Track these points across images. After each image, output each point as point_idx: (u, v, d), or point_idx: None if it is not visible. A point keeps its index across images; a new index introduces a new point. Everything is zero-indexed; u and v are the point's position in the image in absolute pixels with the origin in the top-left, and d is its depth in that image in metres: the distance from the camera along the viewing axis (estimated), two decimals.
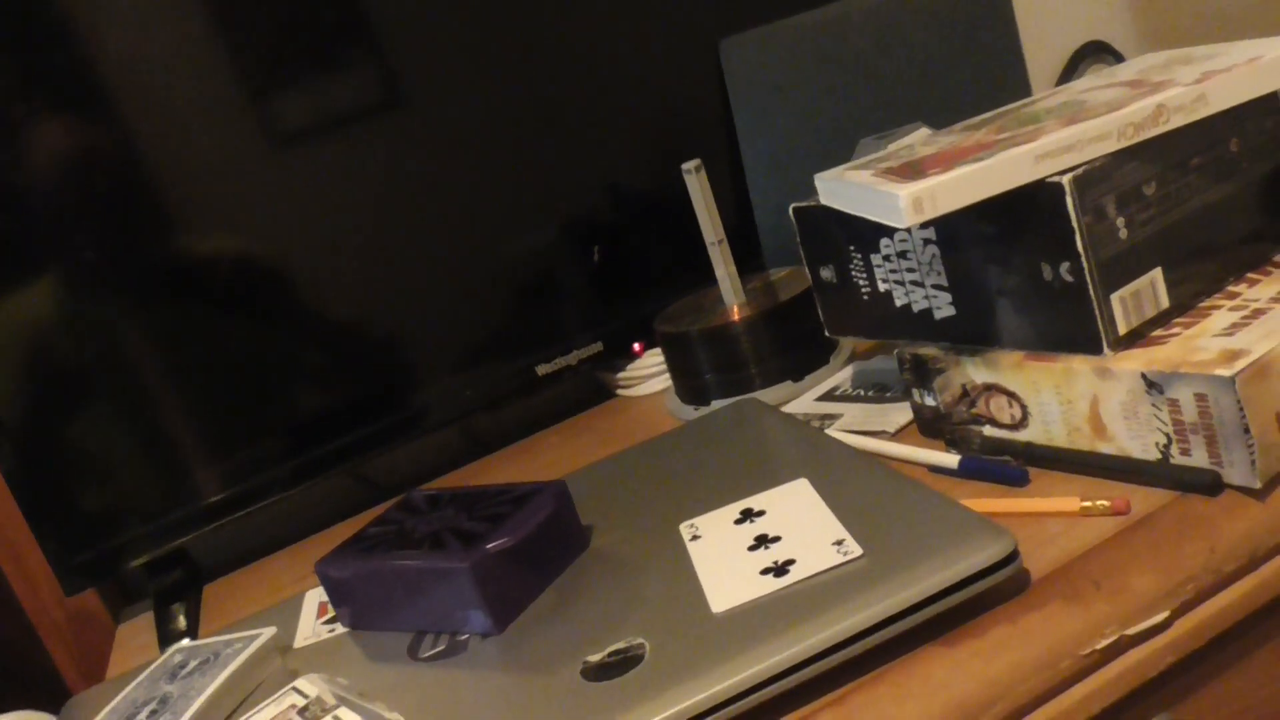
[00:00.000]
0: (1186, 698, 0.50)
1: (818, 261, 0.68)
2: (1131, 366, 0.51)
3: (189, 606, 0.84)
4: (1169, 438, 0.51)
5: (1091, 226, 0.52)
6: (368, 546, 0.58)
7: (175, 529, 0.83)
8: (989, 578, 0.46)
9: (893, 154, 0.62)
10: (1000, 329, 0.58)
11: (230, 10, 0.80)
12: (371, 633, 0.58)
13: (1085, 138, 0.52)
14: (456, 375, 0.88)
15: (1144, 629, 0.47)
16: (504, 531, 0.54)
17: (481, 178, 0.87)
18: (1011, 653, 0.46)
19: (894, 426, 0.66)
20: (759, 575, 0.49)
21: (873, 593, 0.46)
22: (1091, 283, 0.52)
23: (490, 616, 0.53)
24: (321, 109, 0.82)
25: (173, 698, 0.56)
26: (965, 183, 0.51)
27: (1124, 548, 0.49)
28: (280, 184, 0.82)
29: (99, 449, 0.80)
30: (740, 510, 0.56)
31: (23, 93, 0.76)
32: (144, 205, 0.79)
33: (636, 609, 0.50)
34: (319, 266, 0.83)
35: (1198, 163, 0.55)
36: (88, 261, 0.78)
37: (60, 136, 0.77)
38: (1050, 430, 0.57)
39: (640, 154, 0.92)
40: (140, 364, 0.81)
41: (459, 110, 0.86)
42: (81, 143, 0.77)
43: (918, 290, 0.61)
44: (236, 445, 0.84)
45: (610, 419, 0.90)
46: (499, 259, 0.88)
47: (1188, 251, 0.55)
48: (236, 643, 0.60)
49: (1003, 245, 0.55)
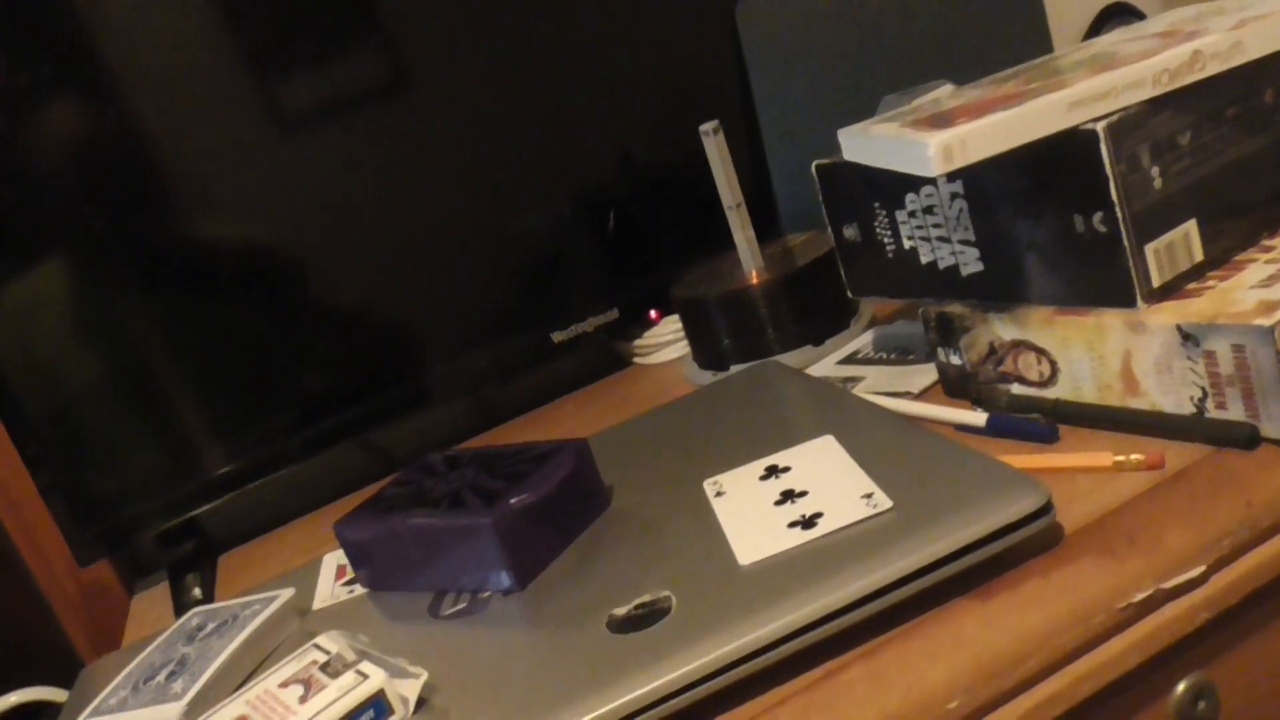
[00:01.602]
0: (1219, 657, 0.49)
1: (841, 220, 0.66)
2: (1166, 319, 0.50)
3: (204, 576, 0.83)
4: (1204, 391, 0.50)
5: (1125, 176, 0.51)
6: (386, 507, 0.58)
7: (188, 500, 0.83)
8: (1022, 530, 0.45)
9: (919, 107, 0.61)
10: (1029, 284, 0.57)
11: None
12: (391, 593, 0.58)
13: (1120, 85, 0.50)
14: (471, 344, 0.87)
15: (1179, 584, 0.46)
16: (525, 488, 0.54)
17: (496, 146, 0.86)
18: (1045, 607, 0.45)
19: (918, 388, 0.65)
20: (786, 529, 0.48)
21: (903, 545, 0.45)
22: (1125, 234, 0.51)
23: (512, 574, 0.52)
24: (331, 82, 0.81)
25: (191, 659, 0.56)
26: (997, 130, 0.50)
27: (1158, 502, 0.48)
28: (292, 156, 0.81)
29: (111, 422, 0.80)
30: (765, 467, 0.55)
31: (32, 76, 0.75)
32: (154, 184, 0.78)
33: (661, 563, 0.49)
34: (333, 238, 0.83)
35: (1232, 113, 0.54)
36: (99, 240, 0.77)
37: (71, 119, 0.76)
38: (1080, 387, 0.56)
39: (656, 120, 0.91)
40: (152, 338, 0.80)
41: (471, 77, 0.85)
42: (94, 125, 0.77)
43: (944, 246, 0.60)
44: (250, 417, 0.83)
45: (627, 386, 0.89)
46: (514, 228, 0.87)
47: (1222, 204, 0.54)
48: (255, 604, 0.59)
49: (1033, 197, 0.54)
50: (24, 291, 0.77)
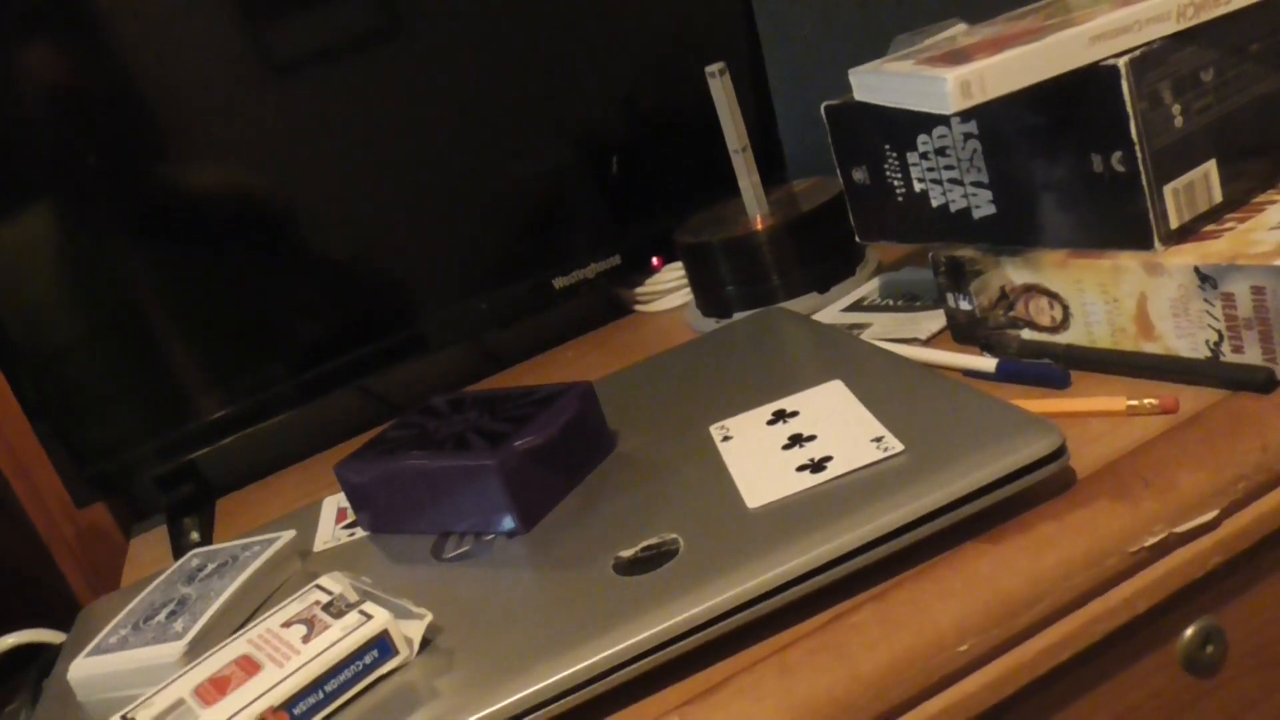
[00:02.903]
0: (1230, 602, 0.49)
1: (850, 162, 0.65)
2: (1184, 261, 0.49)
3: (202, 520, 0.83)
4: (1220, 335, 0.49)
5: (1146, 114, 0.49)
6: (389, 449, 0.57)
7: (186, 444, 0.82)
8: (1035, 473, 0.44)
9: (933, 46, 0.60)
10: (1043, 226, 0.55)
11: None
12: (393, 536, 0.57)
13: (1143, 18, 0.49)
14: (472, 289, 0.86)
15: (1193, 527, 0.45)
16: (530, 430, 0.53)
17: (495, 88, 0.84)
18: (1057, 549, 0.44)
19: (926, 334, 0.65)
20: (795, 472, 0.48)
21: (915, 488, 0.44)
22: (1145, 173, 0.50)
23: (517, 515, 0.51)
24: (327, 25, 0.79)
25: (191, 599, 0.55)
26: (1016, 65, 0.49)
27: (1173, 445, 0.48)
28: (286, 103, 0.79)
29: (108, 366, 0.79)
30: (772, 411, 0.54)
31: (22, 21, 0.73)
32: (148, 129, 0.77)
33: (668, 506, 0.49)
34: (331, 183, 0.81)
35: (1257, 49, 0.52)
36: (94, 187, 0.76)
37: (62, 64, 0.74)
38: (1093, 331, 0.55)
39: (660, 62, 0.89)
40: (149, 282, 0.79)
41: (469, 21, 0.83)
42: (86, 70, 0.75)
43: (956, 189, 0.59)
44: (248, 361, 0.82)
45: (628, 333, 0.88)
46: (515, 172, 0.86)
47: (1243, 143, 0.53)
48: (255, 545, 0.58)
49: (1050, 136, 0.53)
50: (18, 237, 0.75)
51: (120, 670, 0.52)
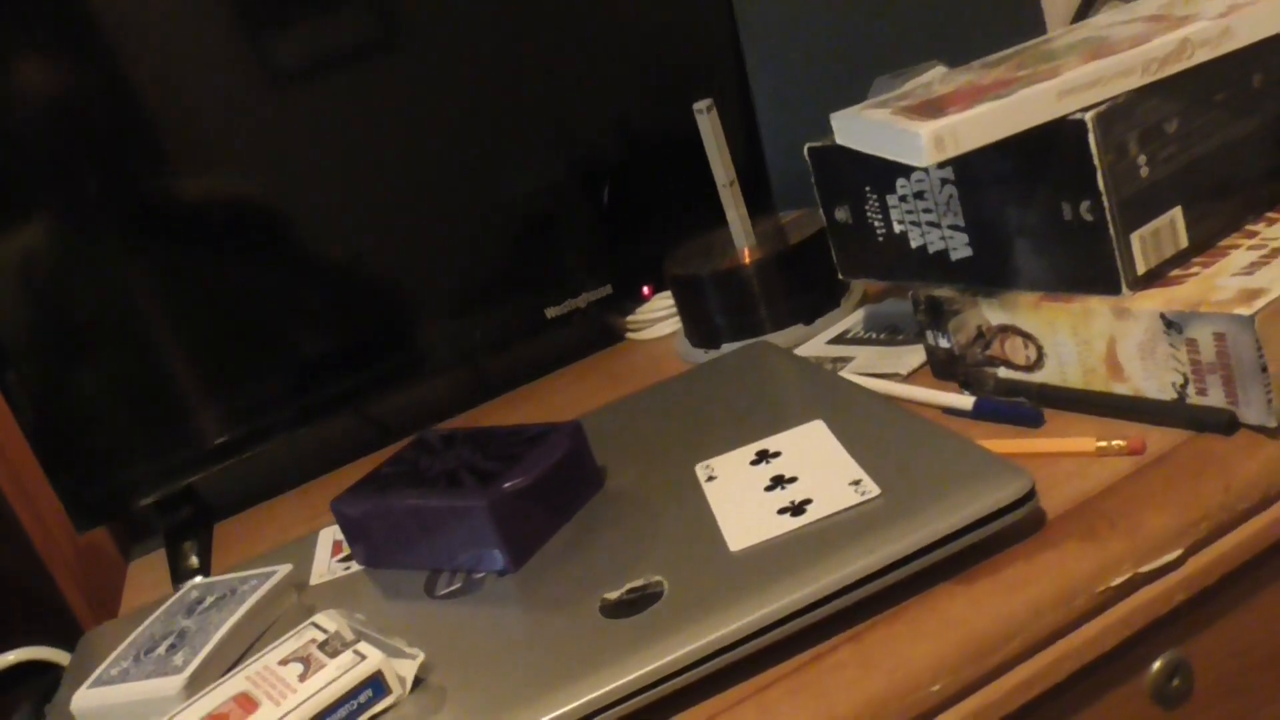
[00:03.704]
0: (1194, 636, 0.50)
1: (832, 202, 0.67)
2: (1150, 306, 0.51)
3: (200, 544, 0.84)
4: (1186, 378, 0.51)
5: (1113, 165, 0.51)
6: (383, 485, 0.59)
7: (184, 468, 0.83)
8: (1006, 516, 0.46)
9: (910, 92, 0.62)
10: (1017, 269, 0.57)
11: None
12: (387, 571, 0.59)
13: (1109, 73, 0.51)
14: (464, 317, 0.88)
15: (1157, 566, 0.47)
16: (520, 470, 0.54)
17: (488, 117, 0.86)
18: (1027, 590, 0.46)
19: (907, 369, 0.66)
20: (776, 514, 0.49)
21: (890, 531, 0.46)
22: (1112, 221, 0.52)
23: (507, 555, 0.53)
24: (323, 46, 0.81)
25: (191, 632, 0.57)
26: (987, 120, 0.51)
27: (1139, 486, 0.49)
28: (284, 122, 0.81)
29: (109, 389, 0.80)
30: (756, 451, 0.56)
31: (22, 30, 0.74)
32: (147, 146, 0.78)
33: (654, 547, 0.50)
34: (325, 207, 0.83)
35: (1220, 98, 0.54)
36: (92, 201, 0.77)
37: (61, 73, 0.76)
38: (1065, 371, 0.57)
39: (650, 94, 0.91)
40: (148, 304, 0.80)
41: (463, 47, 0.85)
42: (82, 81, 0.76)
43: (934, 231, 0.61)
44: (244, 385, 0.83)
45: (619, 362, 0.90)
46: (507, 201, 0.88)
47: (1208, 189, 0.55)
48: (253, 579, 0.60)
49: (1022, 184, 0.55)
50: (17, 258, 0.77)
51: (122, 703, 0.54)
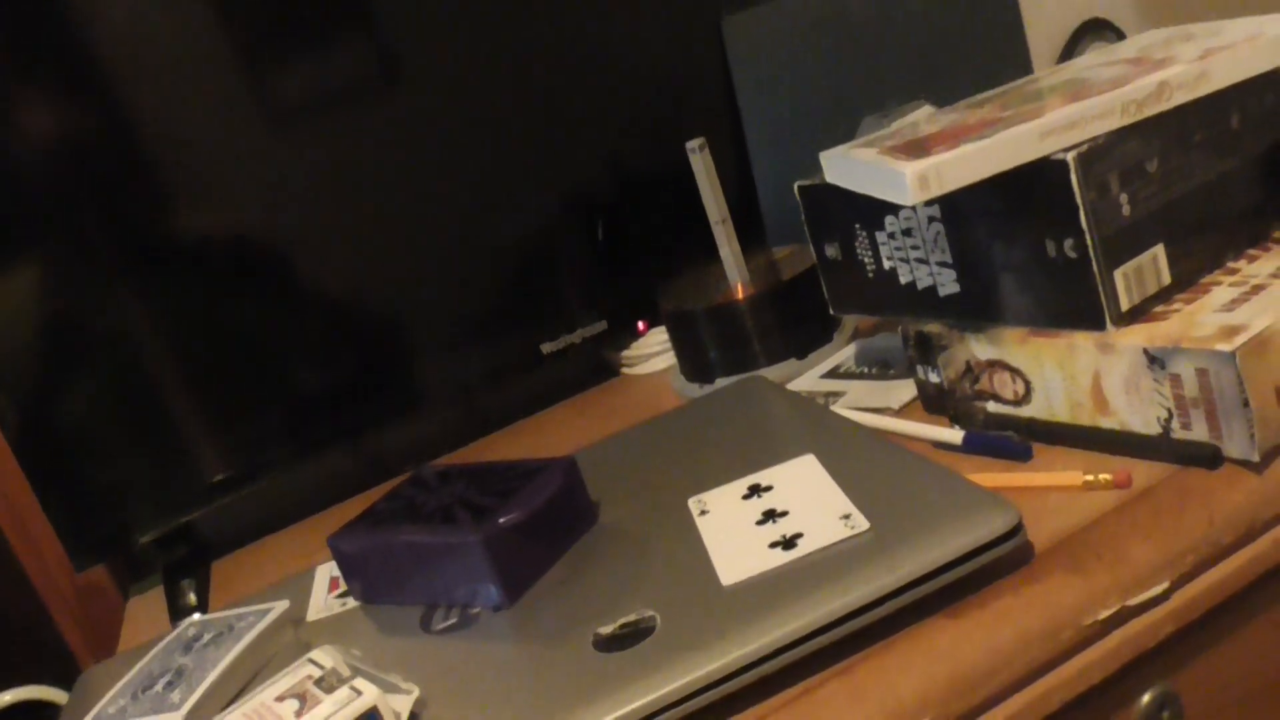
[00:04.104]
0: (1182, 668, 0.51)
1: (822, 239, 0.68)
2: (1134, 342, 0.52)
3: (198, 582, 0.85)
4: (1170, 412, 0.52)
5: (1095, 203, 0.52)
6: (379, 521, 0.59)
7: (182, 505, 0.84)
8: (993, 550, 0.47)
9: (897, 132, 0.63)
10: (1004, 305, 0.58)
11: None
12: (383, 606, 0.59)
13: (1089, 115, 0.52)
14: (461, 353, 0.89)
15: (1144, 599, 0.48)
16: (514, 506, 0.55)
17: (484, 155, 0.87)
18: (1015, 623, 0.47)
19: (898, 403, 0.67)
20: (768, 549, 0.50)
21: (879, 565, 0.46)
22: (1095, 259, 0.53)
23: (502, 590, 0.54)
24: (322, 86, 0.82)
25: (188, 669, 0.57)
26: (970, 160, 0.52)
27: (1125, 520, 0.50)
28: (281, 160, 0.82)
29: (108, 427, 0.81)
30: (748, 485, 0.57)
31: (24, 71, 0.76)
32: (146, 183, 0.79)
33: (646, 582, 0.51)
34: (322, 245, 0.84)
35: (1200, 139, 0.55)
36: (92, 239, 0.78)
37: (62, 115, 0.77)
38: (1053, 405, 0.57)
39: (644, 132, 0.92)
40: (146, 342, 0.81)
41: (461, 86, 0.86)
42: (83, 121, 0.77)
43: (922, 267, 0.62)
44: (241, 423, 0.84)
45: (615, 396, 0.91)
46: (503, 237, 0.89)
47: (1189, 227, 0.56)
48: (250, 616, 0.60)
49: (1007, 222, 0.56)
50: (17, 295, 0.78)
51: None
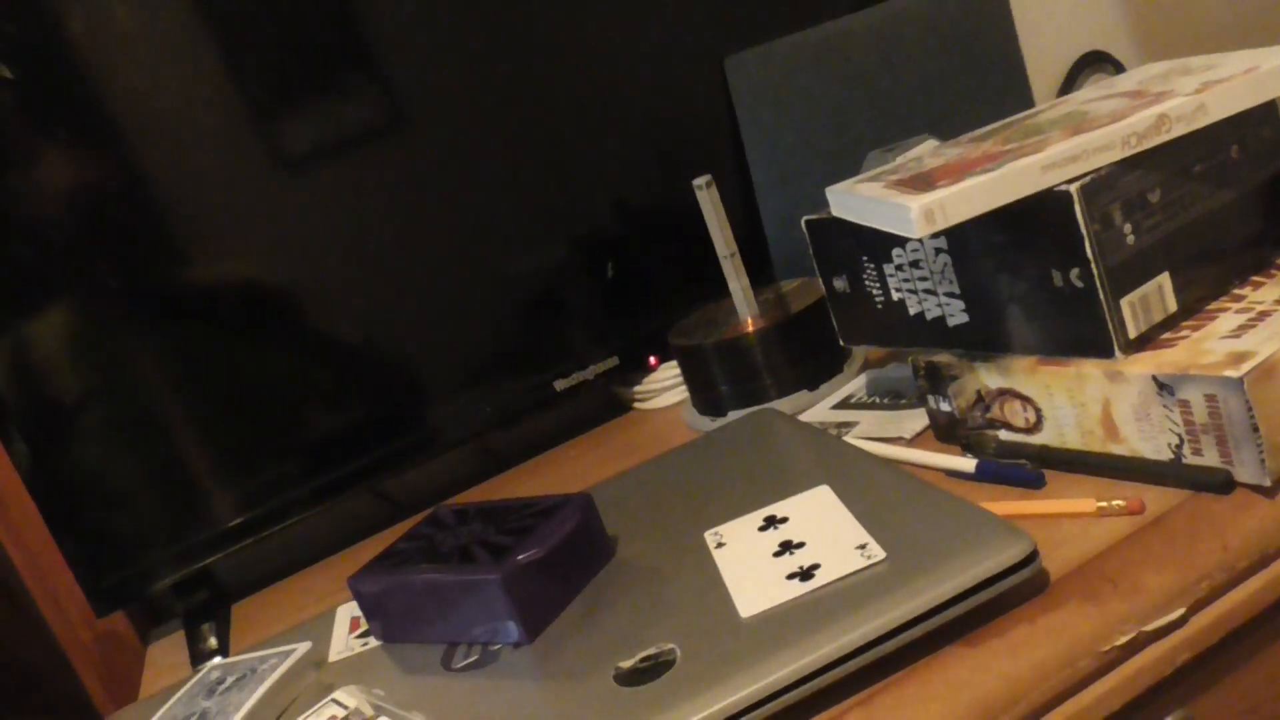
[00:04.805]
0: (1200, 695, 0.51)
1: (831, 272, 0.69)
2: (1142, 369, 0.53)
3: (219, 625, 0.85)
4: (1181, 438, 0.53)
5: (1099, 233, 0.53)
6: (398, 561, 0.60)
7: (201, 550, 0.85)
8: (1009, 579, 0.47)
9: (901, 166, 0.64)
10: (1012, 335, 0.59)
11: (236, 37, 0.81)
12: (404, 645, 0.60)
13: (1090, 147, 0.53)
14: (475, 392, 0.89)
15: (1160, 626, 0.48)
16: (532, 543, 0.56)
17: (493, 196, 0.89)
18: (1032, 652, 0.47)
19: (910, 433, 0.68)
20: (785, 580, 0.50)
21: (897, 595, 0.47)
22: (1101, 288, 0.53)
23: (521, 626, 0.54)
24: (330, 131, 0.84)
25: (211, 713, 0.58)
26: (975, 193, 0.53)
27: (1139, 547, 0.50)
28: (291, 207, 0.84)
29: (126, 474, 0.82)
30: (763, 518, 0.57)
31: (36, 123, 0.77)
32: (158, 233, 0.81)
33: (665, 616, 0.51)
34: (335, 289, 0.85)
35: (1200, 170, 0.56)
36: (106, 288, 0.80)
37: (74, 166, 0.79)
38: (1064, 433, 0.58)
39: (651, 170, 0.94)
40: (163, 389, 0.82)
41: (468, 128, 0.88)
42: (96, 172, 0.79)
43: (931, 298, 0.63)
44: (259, 466, 0.85)
45: (628, 432, 0.92)
46: (514, 277, 0.90)
47: (1193, 256, 0.57)
48: (272, 658, 0.61)
49: (1013, 253, 0.57)
50: (35, 345, 0.79)
51: None
